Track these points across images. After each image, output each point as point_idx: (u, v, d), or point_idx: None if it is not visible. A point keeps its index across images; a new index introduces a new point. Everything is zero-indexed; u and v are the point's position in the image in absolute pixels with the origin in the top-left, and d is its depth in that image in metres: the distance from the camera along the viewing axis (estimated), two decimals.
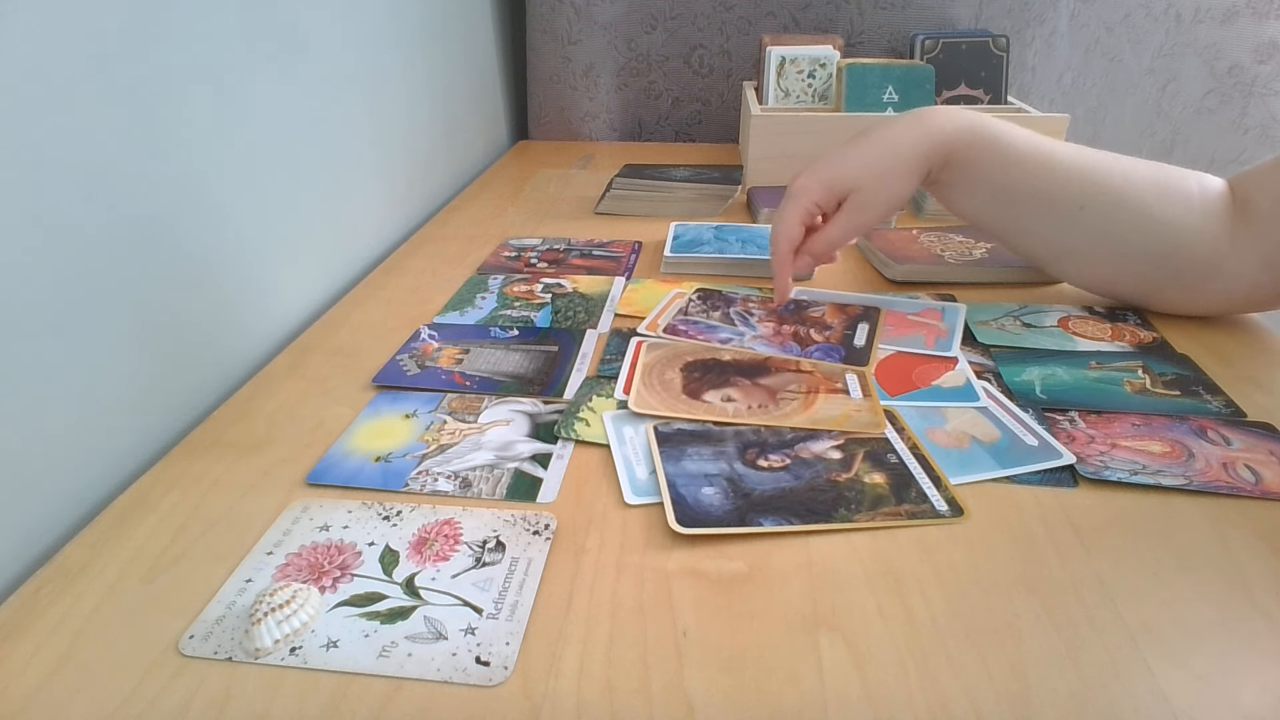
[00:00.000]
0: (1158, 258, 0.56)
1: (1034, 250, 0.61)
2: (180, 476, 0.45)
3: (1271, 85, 1.17)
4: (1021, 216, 0.58)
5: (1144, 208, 0.55)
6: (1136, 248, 0.56)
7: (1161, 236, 0.55)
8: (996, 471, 0.44)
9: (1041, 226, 0.58)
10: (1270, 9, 1.13)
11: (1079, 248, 0.58)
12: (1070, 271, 0.62)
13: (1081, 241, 0.57)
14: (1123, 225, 0.56)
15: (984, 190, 0.58)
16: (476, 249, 0.79)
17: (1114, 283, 0.61)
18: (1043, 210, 0.57)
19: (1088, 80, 1.20)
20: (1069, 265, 0.61)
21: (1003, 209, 0.59)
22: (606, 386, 0.53)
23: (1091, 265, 0.60)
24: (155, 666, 0.33)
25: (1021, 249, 0.62)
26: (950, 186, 0.59)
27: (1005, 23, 1.12)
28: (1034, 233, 0.59)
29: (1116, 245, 0.56)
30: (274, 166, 0.61)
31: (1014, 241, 0.61)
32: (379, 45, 0.79)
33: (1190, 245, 0.55)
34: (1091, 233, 0.56)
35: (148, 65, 0.47)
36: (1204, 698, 0.31)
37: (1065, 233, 0.57)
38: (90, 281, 0.44)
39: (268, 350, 0.61)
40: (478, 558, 0.39)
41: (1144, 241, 0.56)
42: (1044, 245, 0.60)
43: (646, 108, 1.23)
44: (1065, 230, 0.57)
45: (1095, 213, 0.56)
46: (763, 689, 0.32)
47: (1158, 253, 0.56)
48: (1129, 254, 0.57)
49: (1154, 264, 0.57)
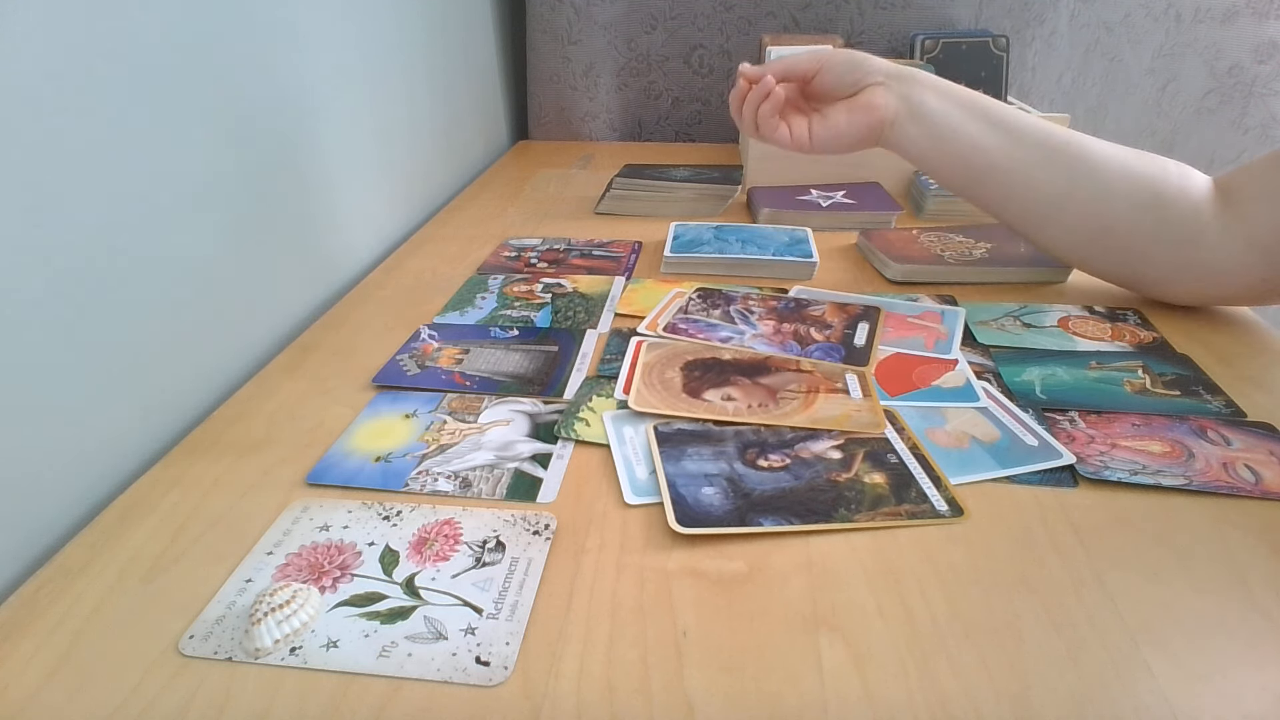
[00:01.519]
0: (1141, 206, 0.57)
1: (1018, 197, 0.60)
2: (180, 476, 0.45)
3: (1271, 85, 1.17)
4: (1010, 150, 0.59)
5: (1123, 156, 0.57)
6: (1120, 190, 0.57)
7: (1144, 184, 0.56)
8: (996, 471, 0.44)
9: (1029, 166, 0.58)
10: (1270, 9, 1.13)
11: (1064, 191, 0.58)
12: (1054, 228, 0.60)
13: (1064, 183, 0.58)
14: (1104, 163, 0.57)
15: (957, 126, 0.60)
16: (476, 249, 0.79)
17: (1102, 234, 0.59)
18: (1031, 145, 0.58)
19: (1088, 80, 1.20)
20: (1055, 215, 0.60)
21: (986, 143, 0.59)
22: (606, 386, 0.53)
23: (1078, 209, 0.58)
24: (155, 666, 0.33)
25: (1005, 195, 0.61)
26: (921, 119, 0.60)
27: (1005, 23, 1.12)
28: (1021, 173, 0.59)
29: (1101, 185, 0.57)
30: (274, 166, 0.61)
31: (996, 186, 0.61)
32: (379, 45, 0.79)
33: (1173, 199, 0.56)
34: (1074, 171, 0.57)
35: (148, 65, 0.47)
36: (1204, 698, 0.31)
37: (1049, 169, 0.58)
38: (90, 281, 0.44)
39: (267, 350, 0.61)
40: (478, 558, 0.39)
41: (1128, 188, 0.56)
42: (1030, 189, 0.59)
43: (646, 108, 1.23)
44: (1049, 165, 0.58)
45: (1077, 150, 0.57)
46: (763, 689, 0.32)
47: (1141, 200, 0.56)
48: (1113, 194, 0.57)
49: (1139, 210, 0.57)
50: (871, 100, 0.60)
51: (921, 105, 0.60)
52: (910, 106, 0.60)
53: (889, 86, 0.60)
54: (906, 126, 0.61)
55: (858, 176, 0.92)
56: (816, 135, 0.62)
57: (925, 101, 0.60)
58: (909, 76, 0.61)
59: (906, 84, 0.61)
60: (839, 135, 0.61)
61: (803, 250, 0.72)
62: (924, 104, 0.60)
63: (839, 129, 0.61)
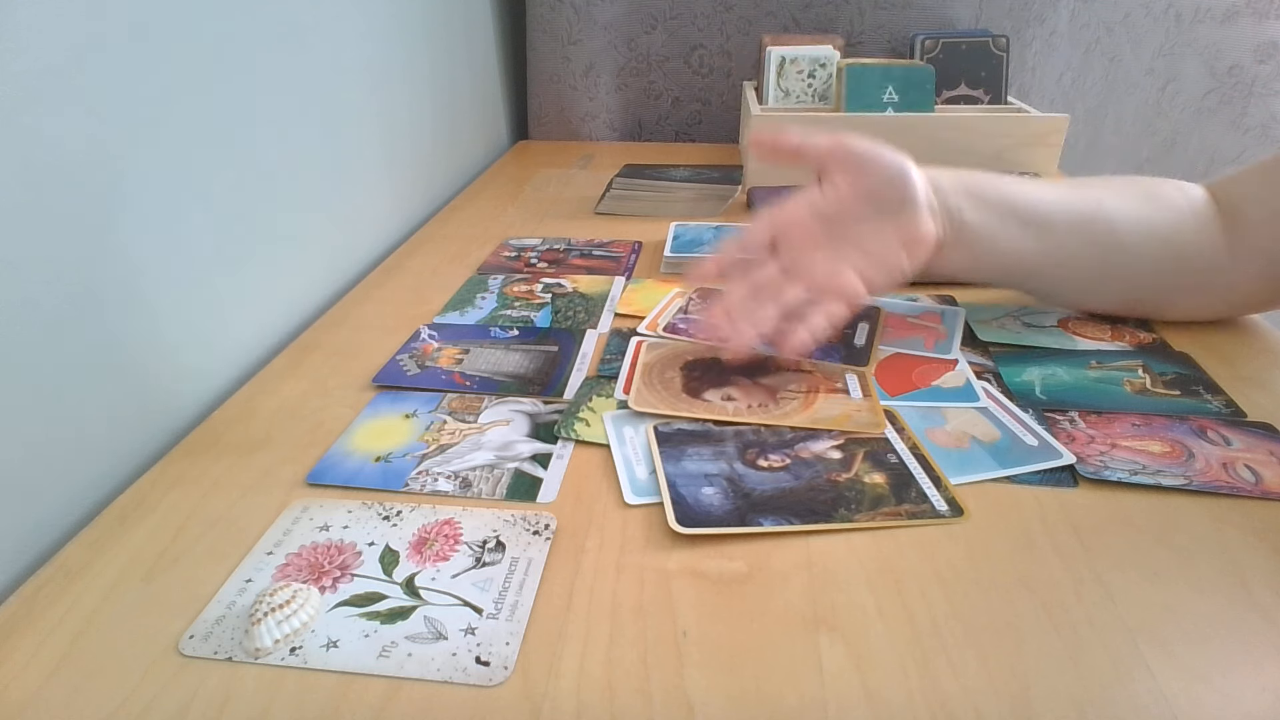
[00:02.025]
0: (1167, 269, 0.56)
1: (1057, 289, 0.59)
2: (180, 476, 0.45)
3: (1271, 85, 1.17)
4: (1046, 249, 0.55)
5: (1143, 217, 0.55)
6: (1149, 258, 0.55)
7: (1165, 242, 0.55)
8: (996, 471, 0.44)
9: (1064, 260, 0.56)
10: (1270, 9, 1.13)
11: (1099, 272, 0.57)
12: (1091, 300, 0.60)
13: (1099, 264, 0.56)
14: (1131, 234, 0.55)
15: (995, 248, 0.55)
16: (476, 249, 0.79)
17: (1133, 296, 0.59)
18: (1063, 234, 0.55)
19: (1088, 80, 1.20)
20: (1092, 290, 0.59)
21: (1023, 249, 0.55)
22: (606, 386, 0.53)
23: (1112, 285, 0.58)
24: (155, 666, 0.33)
25: (1045, 290, 0.59)
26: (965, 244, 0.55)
27: (1005, 23, 1.12)
28: (1059, 268, 0.56)
29: (1131, 257, 0.56)
30: (274, 166, 0.61)
31: (1037, 284, 0.59)
32: (380, 45, 0.79)
33: (1194, 247, 0.55)
34: (1107, 249, 0.55)
35: (147, 65, 0.47)
36: (1204, 698, 0.31)
37: (1085, 256, 0.56)
38: (90, 281, 0.44)
39: (267, 350, 0.61)
40: (478, 558, 0.39)
41: (1154, 252, 0.55)
42: (1067, 281, 0.58)
43: (646, 108, 1.23)
44: (1084, 253, 0.55)
45: (1105, 224, 0.55)
46: (763, 689, 0.32)
47: (1167, 265, 0.56)
48: (1143, 262, 0.56)
49: (1166, 274, 0.56)
50: (924, 235, 0.52)
51: (963, 226, 0.53)
52: (954, 227, 0.53)
53: (933, 208, 0.52)
54: (951, 254, 0.54)
55: None
56: (873, 283, 0.52)
57: (965, 220, 0.53)
58: (939, 183, 0.53)
59: (942, 196, 0.53)
60: (895, 277, 0.52)
61: None
62: (965, 224, 0.53)
63: (896, 270, 0.52)
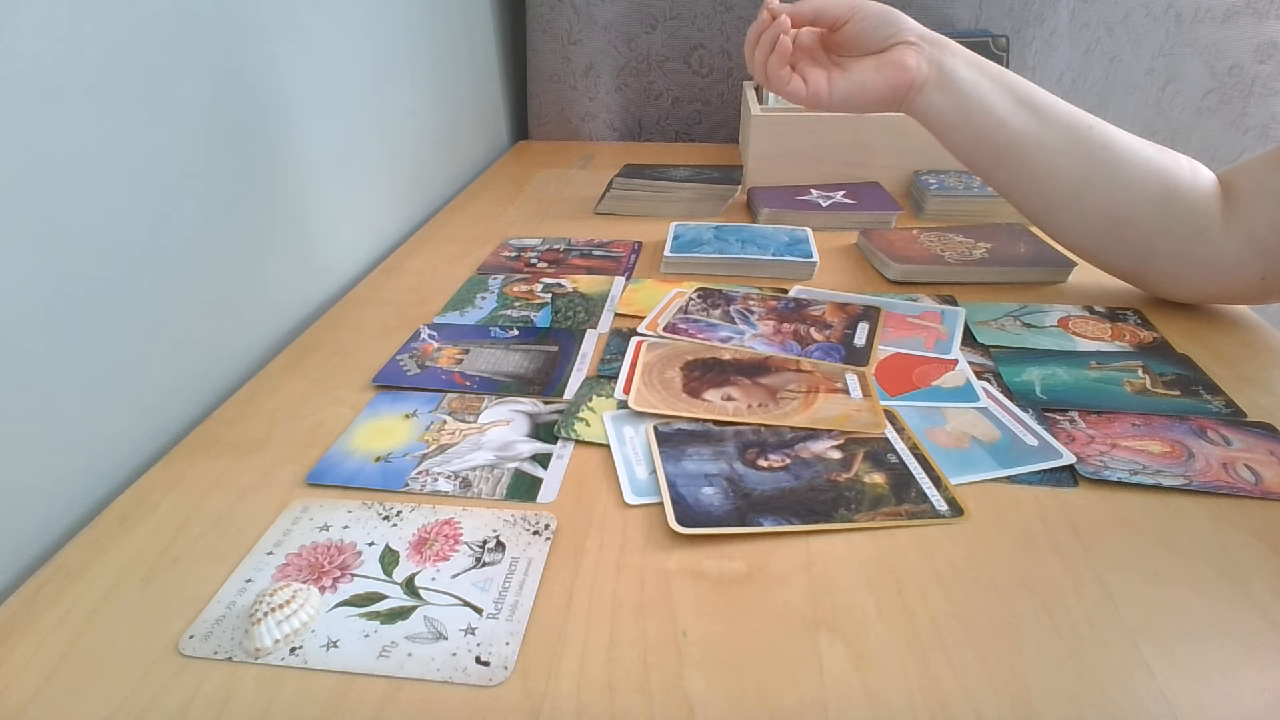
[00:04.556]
0: (1154, 200, 0.56)
1: (1037, 180, 0.59)
2: (180, 476, 0.45)
3: (1271, 85, 1.17)
4: (1034, 131, 0.57)
5: (1142, 147, 0.57)
6: (1138, 182, 0.56)
7: (1159, 178, 0.56)
8: (996, 471, 0.44)
9: (1051, 150, 0.57)
10: (1270, 9, 1.13)
11: (1082, 178, 0.57)
12: (1068, 216, 0.60)
13: (1084, 171, 0.57)
14: (1124, 154, 0.56)
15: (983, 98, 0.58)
16: (476, 249, 0.79)
17: (1114, 225, 0.58)
18: (1056, 128, 0.57)
19: (1088, 80, 1.20)
20: (1070, 203, 0.59)
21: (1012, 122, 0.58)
22: (606, 386, 0.53)
23: (1094, 198, 0.58)
24: (155, 666, 0.33)
25: (1023, 177, 0.60)
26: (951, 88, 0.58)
27: (1005, 23, 1.12)
28: (1043, 156, 0.58)
29: (1119, 175, 0.56)
30: (275, 166, 0.61)
31: (1016, 167, 0.59)
32: (380, 45, 0.79)
33: (1184, 194, 0.56)
34: (1095, 160, 0.56)
35: (148, 64, 0.47)
36: (1204, 698, 0.31)
37: (1072, 156, 0.57)
38: (90, 281, 0.44)
39: (267, 350, 0.61)
40: (478, 558, 0.39)
41: (1144, 179, 0.56)
42: (1049, 174, 0.58)
43: (646, 108, 1.23)
44: (1072, 152, 0.57)
45: (1100, 137, 0.56)
46: (763, 689, 0.32)
47: (1155, 194, 0.56)
48: (1131, 186, 0.56)
49: (1152, 204, 0.56)
50: (903, 59, 0.58)
51: (953, 73, 0.58)
52: (941, 73, 0.58)
53: (921, 49, 0.58)
54: (934, 94, 0.58)
55: (858, 176, 0.92)
56: (837, 89, 0.59)
57: (957, 70, 0.58)
58: (942, 42, 0.59)
59: (939, 49, 0.58)
60: (862, 91, 0.58)
61: (803, 250, 0.72)
62: (955, 72, 0.58)
63: (863, 85, 0.58)
